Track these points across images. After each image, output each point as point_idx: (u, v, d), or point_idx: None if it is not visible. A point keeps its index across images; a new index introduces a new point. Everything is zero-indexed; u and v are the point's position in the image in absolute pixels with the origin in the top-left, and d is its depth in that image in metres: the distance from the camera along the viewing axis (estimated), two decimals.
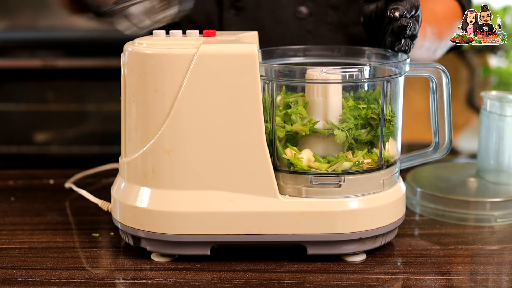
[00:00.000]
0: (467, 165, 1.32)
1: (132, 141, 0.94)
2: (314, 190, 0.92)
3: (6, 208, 1.15)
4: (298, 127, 0.92)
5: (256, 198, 0.91)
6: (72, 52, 2.41)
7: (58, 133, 2.50)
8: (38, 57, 2.38)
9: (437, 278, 0.90)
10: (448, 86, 0.97)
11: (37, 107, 2.46)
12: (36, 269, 0.93)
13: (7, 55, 2.39)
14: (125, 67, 0.94)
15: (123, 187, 0.95)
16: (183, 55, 0.89)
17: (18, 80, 2.44)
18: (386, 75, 0.93)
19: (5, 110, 2.46)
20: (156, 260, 0.94)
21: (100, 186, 1.21)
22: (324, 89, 0.92)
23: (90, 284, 0.89)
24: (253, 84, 0.89)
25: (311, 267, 0.92)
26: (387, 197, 0.94)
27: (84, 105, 2.47)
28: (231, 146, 0.90)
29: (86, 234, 1.03)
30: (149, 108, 0.91)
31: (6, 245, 1.00)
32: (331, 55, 1.06)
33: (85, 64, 2.38)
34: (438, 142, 1.00)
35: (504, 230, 1.06)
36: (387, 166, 0.95)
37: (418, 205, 1.11)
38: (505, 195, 1.10)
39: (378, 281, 0.89)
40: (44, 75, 2.41)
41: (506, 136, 1.13)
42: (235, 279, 0.89)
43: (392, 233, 0.97)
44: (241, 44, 0.91)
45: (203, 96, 0.90)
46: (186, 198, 0.91)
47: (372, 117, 0.92)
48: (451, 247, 0.99)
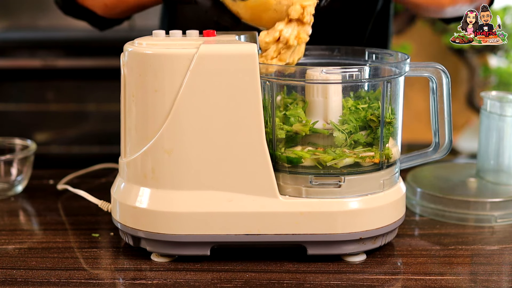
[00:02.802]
0: (467, 165, 1.32)
1: (132, 141, 0.94)
2: (314, 190, 0.92)
3: (6, 208, 1.15)
4: (298, 127, 0.92)
5: (256, 198, 0.91)
6: (72, 52, 2.41)
7: (58, 133, 2.50)
8: (38, 57, 2.38)
9: (437, 278, 0.90)
10: (448, 86, 0.97)
11: (37, 107, 2.46)
12: (36, 269, 0.93)
13: (7, 55, 2.39)
14: (125, 67, 0.94)
15: (123, 187, 0.95)
16: (183, 55, 0.89)
17: (18, 80, 2.44)
18: (386, 75, 0.93)
19: (5, 110, 2.46)
20: (156, 260, 0.94)
21: (93, 186, 1.21)
22: (324, 89, 0.92)
23: (90, 284, 0.89)
24: (253, 84, 0.89)
25: (311, 267, 0.92)
26: (387, 197, 0.94)
27: (84, 105, 2.47)
28: (231, 146, 0.90)
29: (86, 234, 1.03)
30: (149, 108, 0.91)
31: (6, 245, 1.00)
32: (331, 55, 1.06)
33: (85, 64, 2.38)
34: (438, 142, 1.00)
35: (504, 230, 1.06)
36: (387, 166, 0.95)
37: (418, 205, 1.11)
38: (505, 195, 1.10)
39: (378, 281, 0.89)
40: (44, 75, 2.41)
41: (506, 136, 1.13)
42: (235, 279, 0.89)
43: (392, 233, 0.97)
44: (241, 44, 0.91)
45: (203, 96, 0.90)
46: (186, 198, 0.91)
47: (372, 119, 0.92)
48: (451, 247, 0.99)
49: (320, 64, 1.04)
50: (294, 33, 0.93)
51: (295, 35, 0.93)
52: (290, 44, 0.93)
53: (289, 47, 0.94)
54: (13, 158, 1.19)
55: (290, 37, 0.93)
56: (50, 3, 2.44)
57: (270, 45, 0.94)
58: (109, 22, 1.28)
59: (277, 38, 0.93)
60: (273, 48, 0.94)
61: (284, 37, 0.93)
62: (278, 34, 0.93)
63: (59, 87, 2.45)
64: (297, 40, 0.93)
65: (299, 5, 0.92)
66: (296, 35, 0.93)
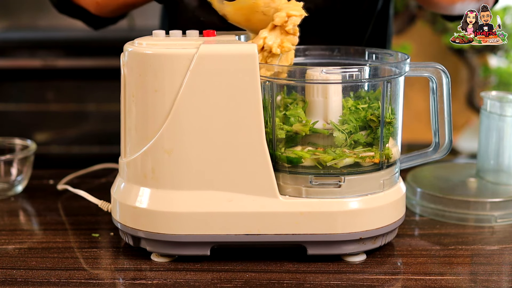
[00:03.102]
0: (467, 165, 1.32)
1: (132, 141, 0.94)
2: (314, 190, 0.92)
3: (6, 208, 1.15)
4: (298, 127, 0.92)
5: (256, 198, 0.91)
6: (72, 52, 2.41)
7: (58, 133, 2.50)
8: (38, 57, 2.38)
9: (437, 278, 0.90)
10: (448, 86, 0.97)
11: (37, 107, 2.46)
12: (36, 269, 0.93)
13: (7, 55, 2.39)
14: (125, 67, 0.94)
15: (123, 187, 0.95)
16: (183, 55, 0.89)
17: (18, 80, 2.44)
18: (386, 75, 0.93)
19: (5, 110, 2.46)
20: (156, 260, 0.94)
21: (93, 186, 1.21)
22: (324, 89, 0.92)
23: (90, 284, 0.89)
24: (253, 84, 0.89)
25: (311, 267, 0.92)
26: (387, 197, 0.94)
27: (84, 105, 2.47)
28: (231, 146, 0.90)
29: (86, 234, 1.03)
30: (149, 108, 0.91)
31: (6, 245, 1.00)
32: (331, 55, 1.06)
33: (85, 64, 2.38)
34: (438, 142, 1.00)
35: (504, 230, 1.06)
36: (387, 166, 0.95)
37: (418, 205, 1.11)
38: (505, 195, 1.10)
39: (378, 281, 0.89)
40: (44, 75, 2.41)
41: (506, 136, 1.13)
42: (235, 279, 0.89)
43: (392, 233, 0.97)
44: (241, 44, 0.91)
45: (203, 96, 0.90)
46: (186, 198, 0.91)
47: (372, 119, 0.92)
48: (451, 247, 0.99)
49: (320, 64, 1.04)
50: (278, 41, 0.93)
51: (278, 43, 0.93)
52: (274, 53, 0.93)
53: (274, 56, 0.94)
54: (13, 158, 1.19)
55: (273, 45, 0.93)
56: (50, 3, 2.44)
57: None
58: (103, 21, 1.28)
59: (261, 46, 0.93)
60: (259, 57, 0.93)
61: (268, 45, 0.93)
62: (262, 42, 0.93)
63: (59, 87, 2.45)
64: (280, 49, 0.93)
65: (285, 13, 0.92)
66: (280, 43, 0.93)
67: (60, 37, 2.49)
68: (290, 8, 0.93)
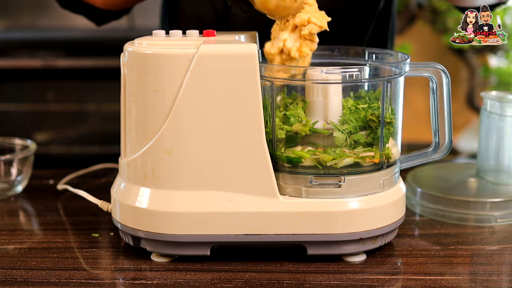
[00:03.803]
0: (467, 165, 1.32)
1: (132, 141, 0.94)
2: (314, 190, 0.92)
3: (6, 208, 1.15)
4: (298, 127, 0.92)
5: (256, 198, 0.91)
6: (72, 52, 2.41)
7: (58, 133, 2.50)
8: (38, 57, 2.38)
9: (437, 278, 0.90)
10: (448, 86, 0.97)
11: (37, 107, 2.46)
12: (36, 269, 0.93)
13: (7, 55, 2.40)
14: (125, 67, 0.94)
15: (123, 187, 0.95)
16: (183, 55, 0.89)
17: (18, 80, 2.44)
18: (386, 75, 0.93)
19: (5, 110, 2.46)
20: (156, 260, 0.94)
21: (93, 186, 1.21)
22: (324, 89, 0.92)
23: (90, 284, 0.89)
24: (253, 84, 0.89)
25: (311, 267, 0.92)
26: (387, 197, 0.94)
27: (84, 105, 2.47)
28: (231, 146, 0.90)
29: (86, 234, 1.03)
30: (149, 108, 0.91)
31: (6, 245, 1.00)
32: (331, 55, 1.06)
33: (85, 64, 2.38)
34: (438, 142, 1.00)
35: (504, 230, 1.06)
36: (387, 166, 0.95)
37: (418, 205, 1.11)
38: (505, 195, 1.10)
39: (378, 281, 0.89)
40: (44, 75, 2.41)
41: (506, 136, 1.13)
42: (235, 279, 0.89)
43: (392, 233, 0.97)
44: (241, 44, 0.91)
45: (203, 96, 0.90)
46: (186, 198, 0.91)
47: (372, 119, 0.93)
48: (451, 247, 0.99)
49: (320, 64, 1.04)
50: (297, 45, 0.93)
51: (297, 47, 0.93)
52: (292, 56, 0.94)
53: (292, 59, 0.94)
54: (13, 158, 1.19)
55: (292, 49, 0.93)
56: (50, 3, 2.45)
57: (275, 56, 0.94)
58: (107, 16, 1.27)
59: (281, 49, 0.93)
60: (278, 59, 0.94)
61: (287, 47, 0.93)
62: (282, 44, 0.93)
63: (59, 87, 2.45)
64: (298, 53, 0.93)
65: (308, 17, 0.92)
66: (298, 47, 0.93)
67: (60, 37, 2.49)
68: (314, 16, 0.93)
